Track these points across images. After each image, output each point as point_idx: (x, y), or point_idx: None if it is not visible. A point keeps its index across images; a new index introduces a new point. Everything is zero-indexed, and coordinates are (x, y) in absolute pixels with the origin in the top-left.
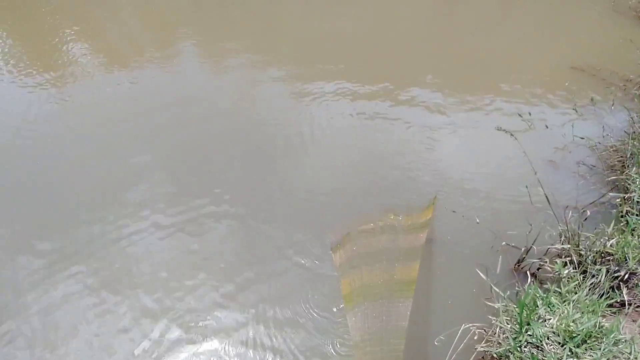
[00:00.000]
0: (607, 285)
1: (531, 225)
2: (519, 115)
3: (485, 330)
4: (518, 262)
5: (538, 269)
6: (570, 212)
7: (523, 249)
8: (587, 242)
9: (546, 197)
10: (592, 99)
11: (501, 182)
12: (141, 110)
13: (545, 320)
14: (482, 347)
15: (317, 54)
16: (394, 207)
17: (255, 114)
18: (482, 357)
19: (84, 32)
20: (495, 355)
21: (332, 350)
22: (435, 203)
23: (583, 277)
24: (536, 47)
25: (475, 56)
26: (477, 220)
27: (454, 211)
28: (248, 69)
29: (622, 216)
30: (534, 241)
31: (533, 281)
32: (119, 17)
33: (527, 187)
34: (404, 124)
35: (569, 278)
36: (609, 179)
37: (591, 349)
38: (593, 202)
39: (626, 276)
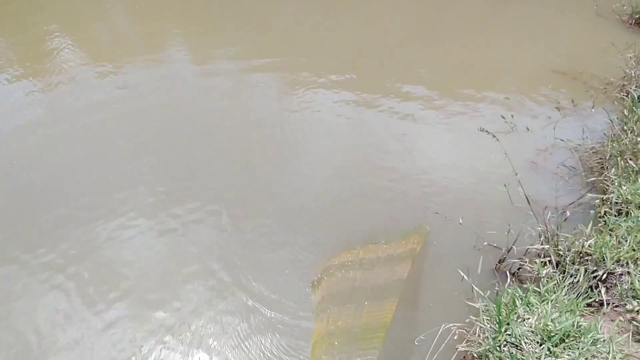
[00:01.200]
0: (585, 285)
1: (510, 225)
2: (502, 117)
3: (466, 330)
4: (499, 262)
5: (518, 269)
6: (550, 212)
7: (504, 249)
8: (566, 242)
9: (526, 197)
10: (572, 102)
11: (483, 183)
12: (132, 113)
13: (524, 320)
14: (462, 346)
15: (307, 56)
16: (379, 215)
17: (244, 116)
18: (464, 357)
19: (74, 36)
20: (475, 355)
21: None
22: (426, 236)
23: (562, 276)
24: (519, 51)
25: (458, 60)
26: (460, 221)
27: (437, 212)
28: (238, 71)
29: (600, 217)
30: (514, 241)
31: (513, 281)
32: (109, 19)
33: (505, 186)
34: (386, 126)
35: (548, 278)
36: (588, 180)
37: (569, 348)
38: (572, 203)
39: (604, 276)
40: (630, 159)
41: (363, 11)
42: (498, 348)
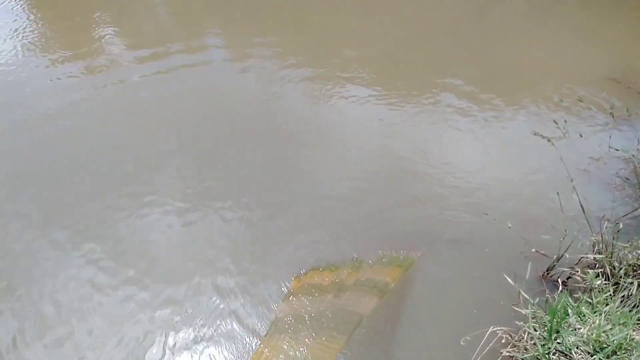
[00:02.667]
0: (638, 298)
1: (566, 231)
2: (554, 122)
3: (511, 336)
4: (547, 270)
5: (568, 278)
6: (605, 223)
7: (555, 257)
8: (620, 254)
9: (581, 205)
10: (627, 111)
11: (533, 189)
12: (167, 98)
13: (575, 330)
14: (507, 351)
15: (343, 52)
16: (415, 220)
17: (277, 110)
18: None
19: (119, 24)
20: None
21: None
22: (410, 265)
23: (615, 288)
24: (572, 56)
25: (508, 62)
26: (509, 225)
27: (486, 214)
28: (271, 62)
29: None
30: (567, 249)
31: (564, 289)
32: (152, 9)
33: (558, 194)
34: (430, 128)
35: (600, 289)
36: None
37: None
38: (626, 215)
39: None
40: None
41: (403, 10)
42: (547, 355)
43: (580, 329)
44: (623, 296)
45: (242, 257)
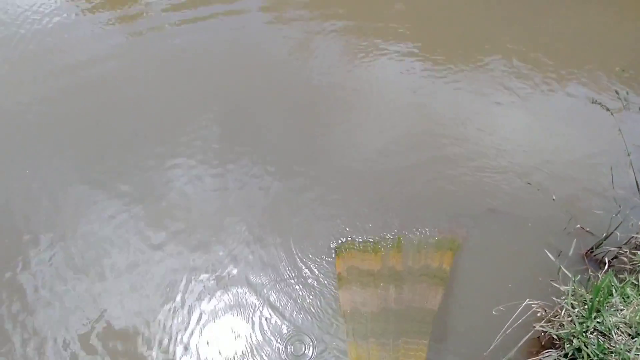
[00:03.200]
0: None
1: (620, 207)
2: (615, 92)
3: (545, 311)
4: (592, 248)
5: (613, 258)
6: None
7: (603, 235)
8: None
9: (636, 182)
10: None
11: (585, 161)
12: (200, 52)
13: (617, 310)
14: (541, 326)
15: (381, 10)
16: (454, 190)
17: (310, 68)
18: (539, 337)
19: None
20: (554, 337)
21: None
22: (458, 248)
23: None
24: (631, 24)
25: (565, 25)
26: (554, 198)
27: (528, 183)
28: (312, 14)
29: None
30: (617, 227)
31: (610, 269)
32: None
33: (611, 168)
34: (474, 94)
35: None
36: None
37: None
38: None
39: None
40: None
41: None
42: (584, 334)
43: (622, 310)
44: None
45: (266, 225)
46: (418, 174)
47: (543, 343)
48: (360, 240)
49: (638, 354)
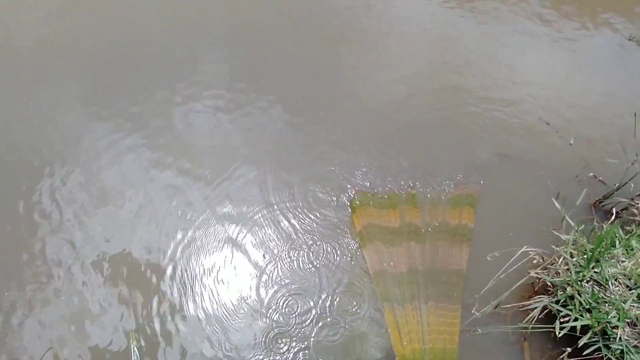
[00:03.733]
0: None
1: (637, 155)
2: None
3: (543, 259)
4: (602, 199)
5: (623, 210)
6: None
7: (616, 185)
8: None
9: None
10: None
11: (607, 106)
12: None
13: (619, 262)
14: (536, 272)
15: None
16: (467, 132)
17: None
18: (532, 283)
19: None
20: (548, 284)
21: None
22: (475, 203)
23: None
24: None
25: None
26: (571, 142)
27: (547, 123)
28: None
29: None
30: (633, 177)
31: (616, 220)
32: None
33: (635, 115)
34: (500, 33)
35: None
36: None
37: None
38: None
39: None
40: None
41: None
42: (579, 282)
43: (624, 262)
44: None
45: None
46: (432, 108)
47: (536, 289)
48: (371, 192)
49: (634, 305)
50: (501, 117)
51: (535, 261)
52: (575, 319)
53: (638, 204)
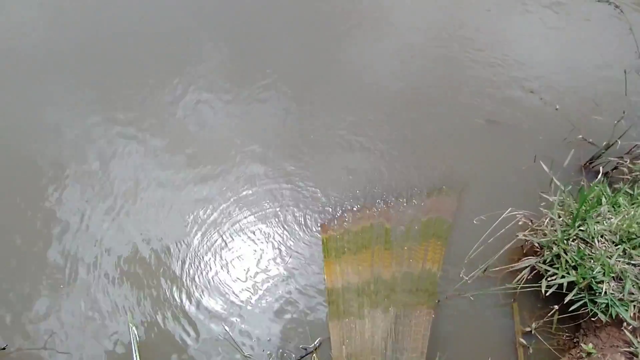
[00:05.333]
0: None
1: (624, 113)
2: None
3: (531, 221)
4: (591, 160)
5: (613, 169)
6: None
7: (604, 144)
8: None
9: None
10: None
11: (594, 66)
12: None
13: (605, 219)
14: (524, 235)
15: None
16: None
17: None
18: (522, 246)
19: None
20: (536, 245)
21: None
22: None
23: None
24: None
25: None
26: (557, 107)
27: (532, 92)
28: None
29: None
30: (621, 136)
31: (604, 179)
32: None
33: (625, 72)
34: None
35: None
36: None
37: None
38: None
39: None
40: None
41: None
42: (565, 241)
43: (611, 218)
44: None
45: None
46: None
47: (525, 252)
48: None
49: (620, 260)
50: (489, 82)
51: (521, 223)
52: (563, 277)
53: (627, 162)
